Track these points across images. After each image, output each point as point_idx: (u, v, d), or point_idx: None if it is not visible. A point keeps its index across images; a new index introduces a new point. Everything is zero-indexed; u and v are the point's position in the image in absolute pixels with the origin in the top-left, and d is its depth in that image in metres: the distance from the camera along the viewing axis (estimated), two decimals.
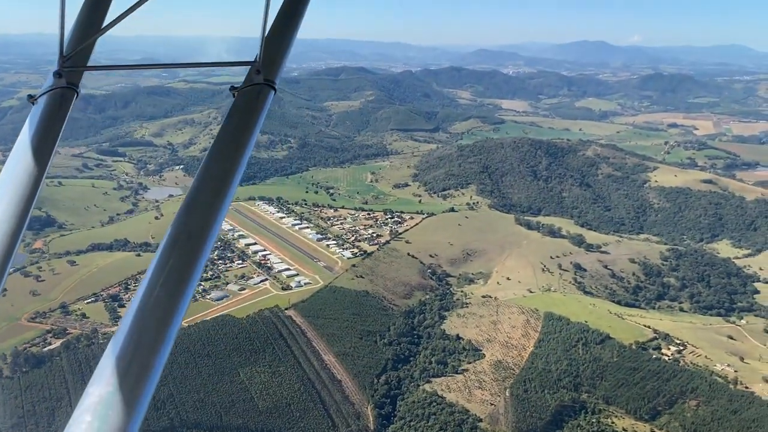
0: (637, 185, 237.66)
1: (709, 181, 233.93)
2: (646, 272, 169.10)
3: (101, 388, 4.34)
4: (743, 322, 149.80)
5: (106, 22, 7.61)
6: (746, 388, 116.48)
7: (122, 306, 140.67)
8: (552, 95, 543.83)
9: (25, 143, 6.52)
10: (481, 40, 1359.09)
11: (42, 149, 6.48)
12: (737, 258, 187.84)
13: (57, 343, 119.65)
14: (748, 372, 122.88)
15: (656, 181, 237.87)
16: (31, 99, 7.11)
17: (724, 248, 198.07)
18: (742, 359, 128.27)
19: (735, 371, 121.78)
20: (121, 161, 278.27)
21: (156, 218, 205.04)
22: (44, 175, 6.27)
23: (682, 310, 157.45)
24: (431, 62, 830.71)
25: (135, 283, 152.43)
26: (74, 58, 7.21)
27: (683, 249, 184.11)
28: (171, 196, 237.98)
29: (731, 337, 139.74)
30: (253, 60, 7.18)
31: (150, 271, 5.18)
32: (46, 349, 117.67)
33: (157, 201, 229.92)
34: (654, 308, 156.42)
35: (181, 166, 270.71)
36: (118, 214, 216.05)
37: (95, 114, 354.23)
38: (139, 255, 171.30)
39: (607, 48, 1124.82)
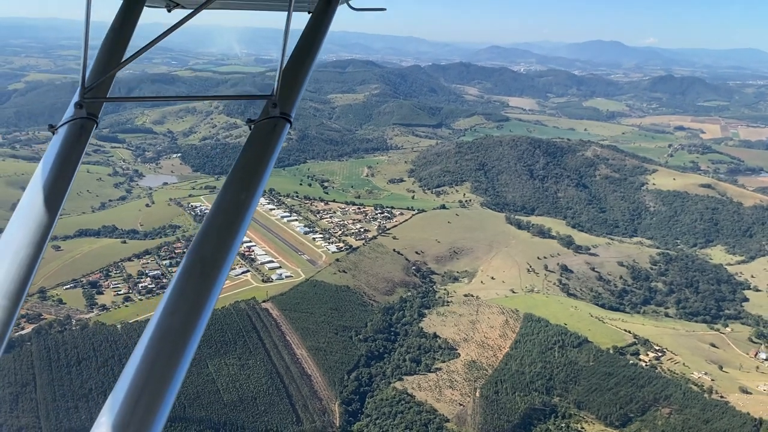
0: (635, 187, 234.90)
1: (708, 186, 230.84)
2: (633, 276, 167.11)
3: (113, 418, 4.29)
4: (728, 329, 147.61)
5: (125, 56, 7.97)
6: (721, 397, 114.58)
7: (100, 293, 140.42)
8: (561, 94, 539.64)
9: (46, 171, 6.67)
10: (494, 37, 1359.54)
11: (61, 177, 6.65)
12: (730, 264, 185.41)
13: (29, 328, 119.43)
14: (726, 381, 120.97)
15: (654, 184, 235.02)
16: (52, 128, 7.31)
17: (717, 254, 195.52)
18: (721, 368, 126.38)
19: (712, 380, 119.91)
20: (119, 147, 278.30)
21: (147, 206, 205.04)
22: (63, 202, 6.42)
23: (667, 315, 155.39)
24: (443, 58, 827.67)
25: (116, 270, 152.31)
26: (95, 89, 7.50)
27: (674, 253, 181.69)
28: (165, 184, 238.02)
29: (714, 345, 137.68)
30: (269, 94, 7.33)
31: (165, 298, 5.20)
32: (17, 333, 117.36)
33: (150, 188, 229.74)
34: (639, 313, 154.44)
35: (179, 155, 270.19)
36: (110, 200, 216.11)
37: None
38: (124, 242, 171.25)
39: (622, 48, 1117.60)
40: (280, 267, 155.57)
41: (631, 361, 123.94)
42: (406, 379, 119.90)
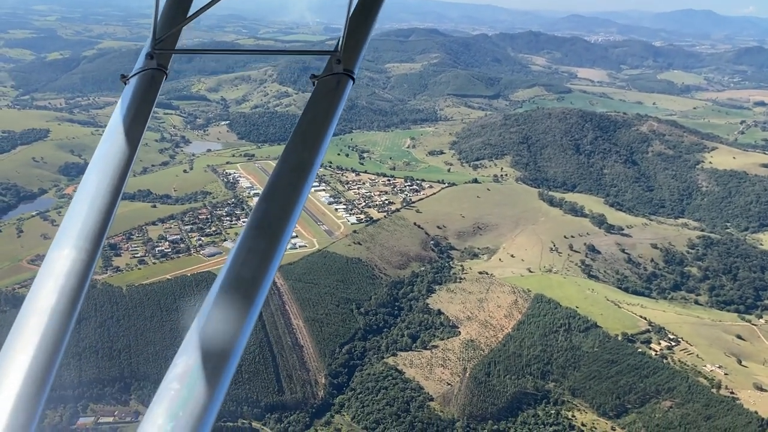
0: (689, 166, 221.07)
1: None
2: (666, 259, 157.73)
3: (188, 359, 4.61)
4: (761, 321, 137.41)
5: (194, 9, 8.14)
6: (731, 393, 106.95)
7: (118, 255, 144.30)
8: (635, 65, 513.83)
9: (118, 122, 6.90)
10: (576, 5, 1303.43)
11: (133, 127, 6.86)
12: None
13: None
14: (741, 376, 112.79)
15: (710, 163, 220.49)
16: (123, 79, 7.54)
17: None
18: (740, 361, 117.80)
19: (725, 374, 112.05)
20: (172, 114, 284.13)
21: (185, 171, 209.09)
22: (136, 152, 6.66)
23: (697, 303, 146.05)
24: (520, 27, 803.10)
25: (139, 233, 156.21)
26: (165, 41, 7.70)
27: (717, 237, 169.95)
28: (209, 150, 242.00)
29: (740, 337, 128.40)
30: (334, 49, 7.44)
31: (234, 251, 5.46)
32: (24, 290, 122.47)
33: (193, 155, 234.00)
34: (665, 299, 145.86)
35: (227, 122, 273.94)
36: (152, 165, 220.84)
37: None
38: (154, 206, 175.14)
39: (714, 18, 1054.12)
40: (296, 236, 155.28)
41: (639, 350, 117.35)
42: (399, 355, 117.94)
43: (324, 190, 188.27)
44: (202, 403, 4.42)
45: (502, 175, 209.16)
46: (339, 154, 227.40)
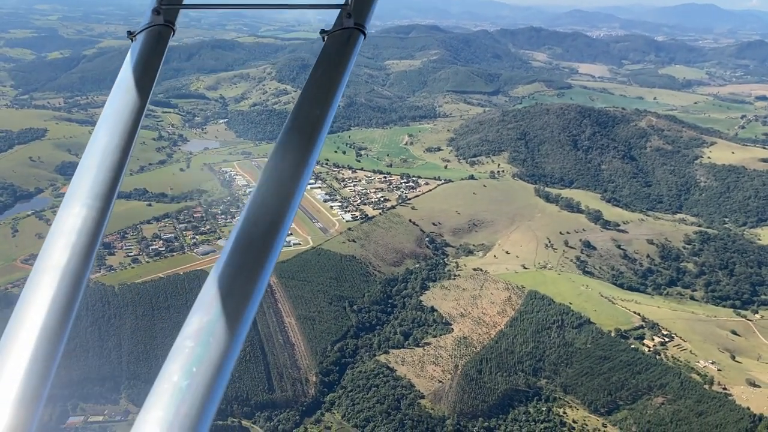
0: (687, 161, 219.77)
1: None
2: (662, 255, 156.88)
3: (202, 316, 4.60)
4: (757, 316, 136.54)
5: None
6: (724, 389, 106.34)
7: (112, 254, 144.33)
8: (636, 61, 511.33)
9: (125, 79, 6.82)
10: (578, 0, 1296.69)
11: (141, 85, 6.73)
12: None
13: None
14: (734, 372, 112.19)
15: (709, 158, 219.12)
16: (130, 35, 7.42)
17: None
18: (733, 357, 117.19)
19: (718, 370, 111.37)
20: (170, 112, 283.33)
21: (181, 170, 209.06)
22: (144, 110, 6.54)
23: (692, 298, 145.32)
24: (521, 22, 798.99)
25: (133, 231, 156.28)
26: None
27: (714, 232, 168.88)
28: (206, 149, 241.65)
29: (735, 332, 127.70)
30: (344, 3, 7.26)
31: (246, 209, 5.44)
32: (15, 289, 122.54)
33: (191, 153, 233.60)
34: (661, 295, 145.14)
35: (225, 120, 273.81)
36: (149, 164, 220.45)
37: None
38: (150, 205, 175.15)
39: (717, 12, 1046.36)
40: (291, 234, 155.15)
41: (632, 346, 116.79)
42: (391, 353, 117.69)
43: (320, 187, 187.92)
44: (216, 359, 4.33)
45: (498, 172, 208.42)
46: (336, 152, 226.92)
